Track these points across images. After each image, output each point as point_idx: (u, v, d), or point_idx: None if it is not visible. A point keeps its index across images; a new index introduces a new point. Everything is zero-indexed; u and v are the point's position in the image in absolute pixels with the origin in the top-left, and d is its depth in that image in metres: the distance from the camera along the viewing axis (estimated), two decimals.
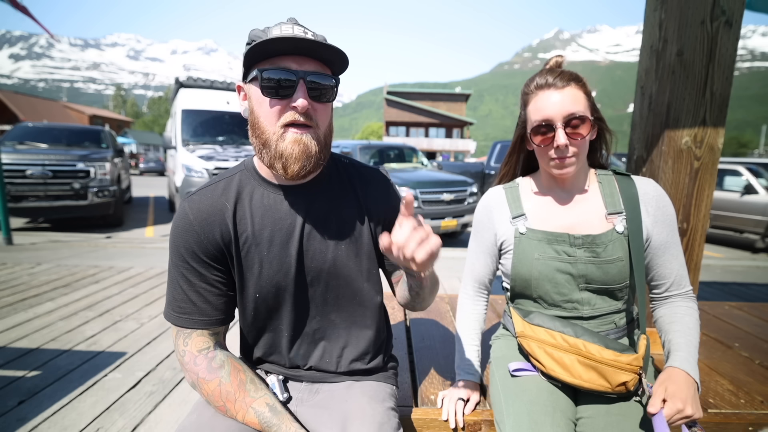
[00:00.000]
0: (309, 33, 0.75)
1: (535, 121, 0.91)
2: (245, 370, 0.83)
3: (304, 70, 0.74)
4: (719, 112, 1.40)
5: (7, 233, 4.58)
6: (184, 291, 0.80)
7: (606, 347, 0.86)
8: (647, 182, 0.96)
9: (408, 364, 1.43)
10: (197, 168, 5.52)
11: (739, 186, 6.25)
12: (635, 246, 0.90)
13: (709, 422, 1.15)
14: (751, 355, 1.56)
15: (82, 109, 42.02)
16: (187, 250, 0.79)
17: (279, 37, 0.70)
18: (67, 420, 1.60)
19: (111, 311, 2.69)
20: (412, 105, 42.33)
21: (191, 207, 0.80)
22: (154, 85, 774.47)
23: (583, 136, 0.88)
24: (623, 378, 0.85)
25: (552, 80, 0.90)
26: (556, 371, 0.92)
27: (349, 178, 0.91)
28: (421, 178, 5.88)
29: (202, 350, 0.81)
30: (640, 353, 0.86)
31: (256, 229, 0.82)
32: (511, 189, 1.06)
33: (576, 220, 0.96)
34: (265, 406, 0.78)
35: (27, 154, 5.69)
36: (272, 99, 0.74)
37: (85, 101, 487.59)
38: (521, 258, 0.97)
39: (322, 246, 0.85)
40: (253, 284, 0.84)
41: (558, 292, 0.95)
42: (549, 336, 0.93)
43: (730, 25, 1.35)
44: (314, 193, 0.86)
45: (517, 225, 1.00)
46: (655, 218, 0.93)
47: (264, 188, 0.84)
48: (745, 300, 3.27)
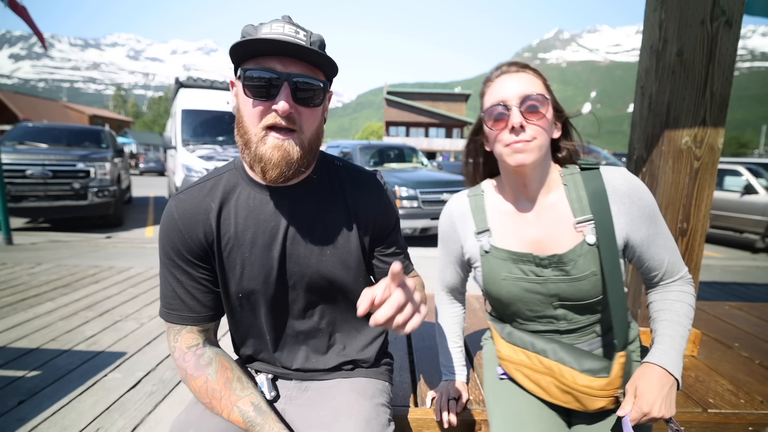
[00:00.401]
0: (301, 33, 0.73)
1: (489, 103, 0.84)
2: (233, 369, 0.83)
3: (288, 71, 0.71)
4: (719, 112, 1.40)
5: (7, 233, 4.58)
6: (172, 288, 0.82)
7: (581, 370, 0.82)
8: (617, 174, 0.86)
9: (408, 364, 1.43)
10: (197, 168, 5.52)
11: (739, 186, 6.25)
12: (607, 256, 0.81)
13: (709, 422, 1.15)
14: (751, 355, 1.56)
15: (82, 109, 42.04)
16: (173, 249, 0.80)
17: (263, 38, 0.68)
18: (67, 420, 1.60)
19: (111, 311, 2.69)
20: (412, 105, 42.33)
21: (176, 206, 0.81)
22: (154, 85, 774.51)
23: (543, 115, 0.81)
24: (599, 404, 0.83)
25: (506, 68, 0.86)
26: (538, 392, 0.91)
27: (339, 181, 0.88)
28: (421, 178, 5.88)
29: (191, 347, 0.82)
30: (614, 375, 0.81)
31: (239, 230, 0.81)
32: (475, 197, 0.98)
33: (542, 235, 0.88)
34: (249, 405, 0.78)
35: (27, 154, 5.68)
36: (255, 99, 0.72)
37: (85, 101, 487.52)
38: (489, 277, 0.93)
39: (306, 250, 0.83)
40: (235, 284, 0.84)
41: (530, 309, 0.91)
42: (525, 357, 0.91)
43: (730, 25, 1.35)
44: (301, 195, 0.84)
45: (481, 242, 0.94)
46: (631, 216, 0.84)
47: (251, 188, 0.83)
48: (745, 300, 3.27)
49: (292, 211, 0.83)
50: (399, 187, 5.53)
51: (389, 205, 0.92)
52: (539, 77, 0.86)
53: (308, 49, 0.69)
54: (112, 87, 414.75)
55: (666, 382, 0.79)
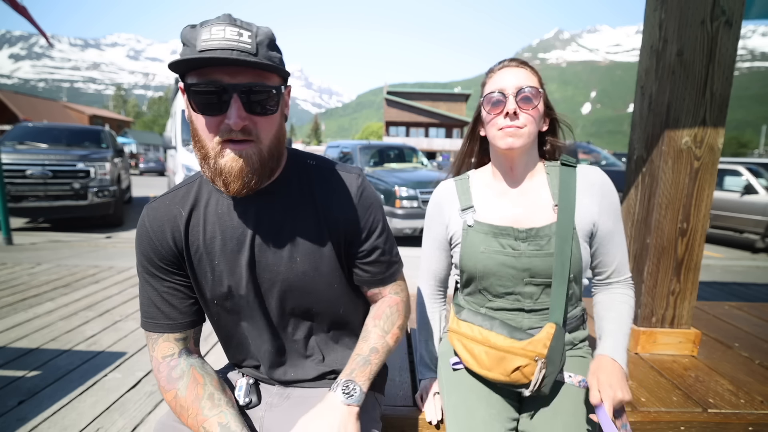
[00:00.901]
0: (245, 34, 0.65)
1: (489, 90, 0.95)
2: (205, 384, 0.78)
3: (236, 82, 0.66)
4: (719, 112, 1.40)
5: (7, 233, 4.58)
6: (148, 296, 0.81)
7: (509, 336, 0.89)
8: (592, 170, 0.98)
9: (408, 364, 1.44)
10: (197, 168, 5.51)
11: (739, 186, 6.25)
12: (560, 235, 0.91)
13: (709, 422, 1.15)
14: (751, 355, 1.56)
15: (82, 109, 42.05)
16: (145, 257, 0.80)
17: (204, 52, 0.63)
18: (67, 420, 1.60)
19: (111, 311, 2.69)
20: (412, 105, 42.35)
21: (148, 215, 0.80)
22: (154, 85, 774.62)
23: (535, 106, 0.91)
24: (517, 362, 0.87)
25: (508, 62, 0.97)
26: (469, 362, 0.96)
27: (309, 182, 0.83)
28: (421, 178, 5.88)
29: (165, 357, 0.80)
30: (537, 338, 0.88)
31: (207, 238, 0.80)
32: (461, 181, 1.08)
33: (522, 212, 0.97)
34: (217, 426, 0.72)
35: (27, 154, 5.68)
36: (204, 115, 0.68)
37: (85, 101, 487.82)
38: (467, 251, 0.99)
39: (275, 257, 0.80)
40: (209, 291, 0.82)
41: (502, 284, 0.97)
42: (468, 329, 0.97)
43: (730, 25, 1.35)
44: (267, 201, 0.80)
45: (465, 217, 1.02)
46: (601, 207, 0.95)
47: (219, 195, 0.81)
48: (745, 300, 3.27)
49: (258, 217, 0.80)
50: (399, 187, 5.53)
51: (366, 205, 0.85)
52: (535, 75, 0.96)
53: (254, 61, 0.64)
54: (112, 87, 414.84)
55: (619, 369, 0.86)
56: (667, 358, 1.52)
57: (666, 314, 1.55)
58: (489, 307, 1.00)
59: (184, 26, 0.68)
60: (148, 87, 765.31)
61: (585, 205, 0.94)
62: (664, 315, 1.55)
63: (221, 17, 0.67)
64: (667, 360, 1.51)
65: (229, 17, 0.67)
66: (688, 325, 1.56)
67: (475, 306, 1.03)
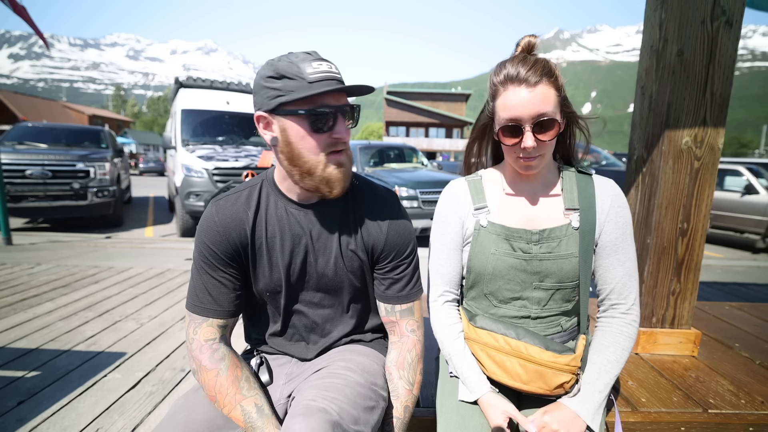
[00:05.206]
0: (333, 66, 0.84)
1: (504, 119, 0.88)
2: (243, 368, 0.89)
3: (339, 104, 0.83)
4: (719, 112, 1.40)
5: (7, 233, 4.58)
6: (203, 283, 0.90)
7: (546, 349, 0.87)
8: (607, 182, 0.96)
9: None
10: (197, 168, 5.51)
11: (740, 186, 6.25)
12: (584, 242, 0.91)
13: (710, 423, 1.15)
14: (751, 356, 1.56)
15: (82, 109, 42.06)
16: (208, 248, 0.89)
17: (323, 87, 0.79)
18: (67, 420, 1.59)
19: (111, 311, 2.69)
20: (412, 105, 42.29)
21: (218, 211, 0.91)
22: (154, 85, 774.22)
23: (551, 137, 0.86)
24: (562, 379, 0.86)
25: (524, 74, 0.85)
26: (497, 374, 0.92)
27: (353, 200, 0.98)
28: (421, 178, 5.88)
29: (208, 340, 0.89)
30: (578, 353, 0.87)
31: (269, 237, 0.92)
32: (473, 181, 1.03)
33: (535, 214, 0.96)
34: (253, 406, 0.83)
35: (27, 154, 5.68)
36: (317, 134, 0.82)
37: (85, 101, 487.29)
38: (478, 251, 0.96)
39: (322, 258, 0.94)
40: (263, 283, 0.95)
41: (510, 289, 0.94)
42: (492, 339, 0.92)
43: (730, 25, 1.35)
44: (323, 212, 0.94)
45: (478, 217, 0.99)
46: (608, 215, 0.93)
47: (277, 200, 0.94)
48: (745, 300, 3.27)
49: (315, 224, 0.94)
50: (399, 187, 5.53)
51: (396, 227, 0.98)
52: (554, 85, 0.86)
53: (354, 86, 0.83)
54: (112, 87, 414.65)
55: (576, 426, 0.81)
56: (667, 359, 1.52)
57: (666, 314, 1.54)
58: (492, 314, 0.97)
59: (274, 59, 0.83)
60: (147, 87, 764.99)
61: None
62: (665, 315, 1.55)
63: (311, 54, 0.84)
64: (668, 360, 1.51)
65: (317, 54, 0.85)
66: (689, 326, 1.56)
67: (480, 312, 1.00)
